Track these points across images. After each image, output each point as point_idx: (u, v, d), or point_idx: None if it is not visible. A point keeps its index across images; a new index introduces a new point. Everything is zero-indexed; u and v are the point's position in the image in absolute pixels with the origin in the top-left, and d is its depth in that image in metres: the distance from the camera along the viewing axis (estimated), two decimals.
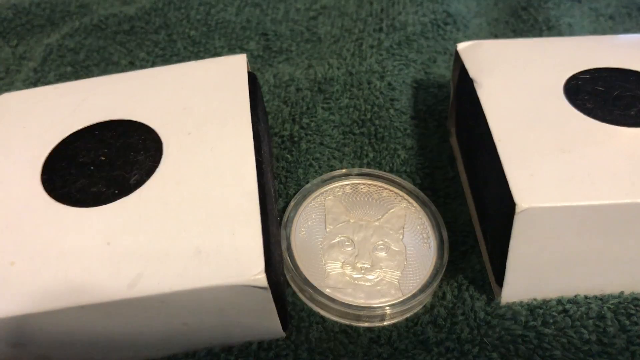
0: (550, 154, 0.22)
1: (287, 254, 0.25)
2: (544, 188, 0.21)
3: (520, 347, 0.22)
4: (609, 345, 0.22)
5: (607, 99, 0.24)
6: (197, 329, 0.21)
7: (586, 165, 0.21)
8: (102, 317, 0.20)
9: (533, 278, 0.23)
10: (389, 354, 0.23)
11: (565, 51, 0.27)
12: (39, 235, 0.21)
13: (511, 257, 0.22)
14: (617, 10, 0.38)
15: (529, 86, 0.25)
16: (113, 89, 0.26)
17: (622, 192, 0.20)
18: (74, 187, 0.22)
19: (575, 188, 0.21)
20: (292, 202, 0.27)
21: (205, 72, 0.26)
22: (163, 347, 0.22)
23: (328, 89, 0.32)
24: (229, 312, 0.20)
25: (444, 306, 0.24)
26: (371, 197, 0.27)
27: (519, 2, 0.38)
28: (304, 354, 0.23)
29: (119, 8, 0.39)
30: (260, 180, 0.22)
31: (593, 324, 0.23)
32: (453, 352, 0.22)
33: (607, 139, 0.22)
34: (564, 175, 0.21)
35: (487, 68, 0.26)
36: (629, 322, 0.22)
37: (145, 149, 0.23)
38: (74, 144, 0.24)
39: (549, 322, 0.23)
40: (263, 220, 0.20)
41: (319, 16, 0.38)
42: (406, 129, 0.30)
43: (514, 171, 0.21)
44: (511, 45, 0.28)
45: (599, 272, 0.23)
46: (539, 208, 0.20)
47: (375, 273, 0.24)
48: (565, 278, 0.23)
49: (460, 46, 0.28)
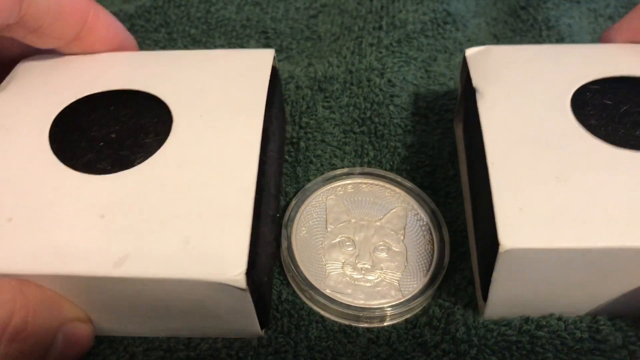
0: (544, 183, 0.21)
1: (287, 253, 0.25)
2: (532, 226, 0.20)
3: (514, 353, 0.22)
4: (602, 342, 0.22)
5: (614, 116, 0.23)
6: (178, 315, 0.22)
7: (581, 199, 0.20)
8: (86, 288, 0.20)
9: (517, 303, 0.22)
10: (388, 354, 0.23)
11: (578, 59, 0.25)
12: (39, 194, 0.21)
13: (494, 287, 0.21)
14: (616, 11, 0.38)
15: (535, 98, 0.24)
16: (138, 62, 0.27)
17: (615, 234, 0.19)
18: (79, 153, 0.23)
19: (566, 227, 0.20)
20: (293, 201, 0.27)
21: (230, 61, 0.26)
22: (143, 325, 0.23)
23: (328, 88, 0.32)
24: (208, 305, 0.21)
25: (440, 306, 0.24)
26: (373, 196, 0.27)
27: (518, 2, 0.39)
28: (303, 351, 0.23)
29: (119, 6, 0.39)
30: (260, 179, 0.22)
31: (586, 326, 0.23)
32: (449, 354, 0.22)
33: (608, 165, 0.21)
34: (555, 210, 0.20)
35: (493, 77, 0.25)
36: (624, 323, 0.23)
37: (155, 126, 0.24)
38: (85, 111, 0.24)
39: (543, 325, 0.23)
40: (254, 221, 0.21)
41: (319, 14, 0.38)
42: (407, 125, 0.30)
43: (503, 203, 0.20)
44: (521, 51, 0.26)
45: (587, 301, 0.22)
46: (524, 249, 0.19)
47: (376, 274, 0.25)
48: (551, 305, 0.23)
49: (469, 52, 0.26)
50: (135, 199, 0.21)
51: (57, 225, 0.20)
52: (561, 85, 0.24)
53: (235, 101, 0.24)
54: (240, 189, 0.21)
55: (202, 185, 0.21)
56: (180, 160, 0.22)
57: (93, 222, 0.20)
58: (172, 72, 0.26)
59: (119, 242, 0.20)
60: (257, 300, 0.21)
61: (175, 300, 0.21)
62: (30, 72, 0.26)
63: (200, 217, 0.20)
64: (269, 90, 0.25)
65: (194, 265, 0.19)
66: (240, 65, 0.26)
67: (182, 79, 0.25)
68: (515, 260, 0.20)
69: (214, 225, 0.20)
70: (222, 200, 0.21)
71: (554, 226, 0.20)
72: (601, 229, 0.19)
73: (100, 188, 0.21)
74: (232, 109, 0.24)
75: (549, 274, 0.21)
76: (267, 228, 0.23)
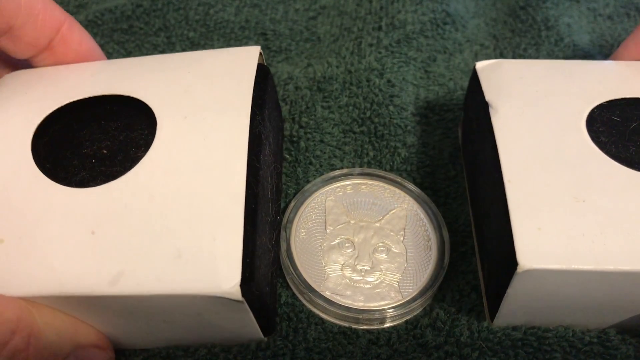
0: (562, 203, 0.20)
1: (286, 255, 0.25)
2: (550, 246, 0.19)
3: (520, 352, 0.22)
4: (613, 349, 0.22)
5: (623, 133, 0.23)
6: (178, 327, 0.22)
7: (600, 220, 0.20)
8: (82, 307, 0.20)
9: (527, 319, 0.22)
10: (388, 355, 0.23)
11: (591, 77, 0.25)
12: (28, 212, 0.21)
13: (505, 303, 0.21)
14: (616, 10, 0.38)
15: (550, 115, 0.23)
16: (118, 68, 0.26)
17: (634, 258, 0.19)
18: (61, 163, 0.22)
19: (585, 248, 0.19)
20: (292, 203, 0.27)
21: (214, 61, 0.25)
22: (144, 339, 0.23)
23: (327, 88, 0.32)
24: (208, 317, 0.21)
25: (444, 309, 0.24)
26: (372, 197, 0.27)
27: (517, 2, 0.38)
28: (301, 354, 0.23)
29: (113, 2, 0.39)
30: (254, 187, 0.21)
31: (596, 335, 0.23)
32: (452, 357, 0.22)
33: (625, 187, 0.21)
34: (574, 231, 0.20)
35: (505, 92, 0.24)
36: (632, 338, 0.22)
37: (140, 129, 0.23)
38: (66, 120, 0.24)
39: (551, 329, 0.23)
40: (248, 229, 0.20)
41: (318, 16, 0.38)
42: (407, 125, 0.30)
43: (520, 222, 0.20)
44: (534, 66, 0.26)
45: (597, 321, 0.22)
46: (542, 270, 0.19)
47: (375, 275, 0.24)
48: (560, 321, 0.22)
49: (479, 65, 0.26)
50: (124, 211, 0.20)
51: (49, 244, 0.20)
52: (576, 104, 0.23)
53: (220, 101, 0.23)
54: (230, 195, 0.21)
55: (191, 193, 0.21)
56: (167, 166, 0.21)
57: (84, 239, 0.20)
58: (155, 75, 0.25)
59: (111, 259, 0.19)
60: (259, 310, 0.21)
61: (176, 314, 0.20)
62: (7, 86, 0.25)
63: (191, 228, 0.20)
64: (258, 89, 0.24)
65: (188, 280, 0.19)
66: (224, 64, 0.25)
67: (165, 81, 0.24)
68: (531, 280, 0.20)
69: (205, 235, 0.20)
70: (211, 207, 0.20)
71: (572, 247, 0.19)
72: (622, 252, 0.19)
73: (88, 201, 0.21)
74: (217, 108, 0.23)
75: (563, 294, 0.20)
76: (265, 237, 0.22)
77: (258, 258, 0.20)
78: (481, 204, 0.25)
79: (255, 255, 0.20)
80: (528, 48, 0.36)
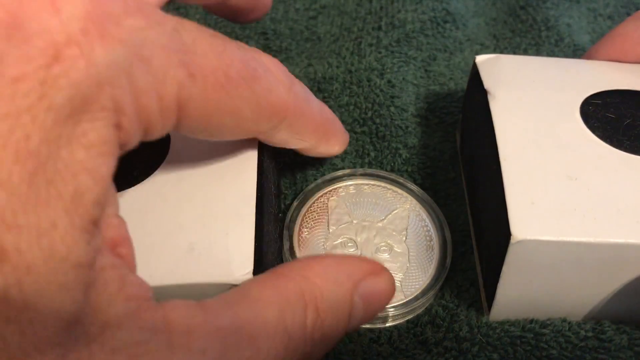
0: (556, 179, 0.21)
1: (289, 255, 0.25)
2: (543, 219, 0.20)
3: (518, 350, 0.22)
4: (607, 341, 0.22)
5: (618, 128, 0.23)
6: None
7: (592, 196, 0.21)
8: None
9: (523, 303, 0.23)
10: (389, 353, 0.23)
11: (587, 72, 0.26)
12: None
13: (502, 283, 0.21)
14: (616, 10, 0.38)
15: (545, 103, 0.24)
16: None
17: (625, 231, 0.20)
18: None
19: (577, 221, 0.20)
20: (294, 203, 0.27)
21: None
22: None
23: (327, 88, 0.32)
24: None
25: (443, 305, 0.24)
26: (375, 197, 0.27)
27: (517, 2, 0.39)
28: None
29: None
30: (260, 179, 0.22)
31: (591, 327, 0.23)
32: (452, 352, 0.23)
33: (619, 167, 0.22)
34: (566, 205, 0.20)
35: (504, 81, 0.25)
36: (628, 327, 0.23)
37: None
38: None
39: (548, 324, 0.23)
40: (258, 222, 0.21)
41: (319, 16, 0.38)
42: (407, 126, 0.30)
43: (515, 196, 0.21)
44: (531, 61, 0.27)
45: (592, 303, 0.23)
46: (535, 241, 0.20)
47: None
48: (557, 305, 0.23)
49: (479, 59, 0.26)
50: (138, 215, 0.21)
51: None
52: (571, 92, 0.25)
53: None
54: (242, 192, 0.21)
55: (204, 196, 0.22)
56: (181, 173, 0.22)
57: None
58: None
59: None
60: None
61: None
62: None
63: (204, 225, 0.21)
64: None
65: (201, 269, 0.20)
66: None
67: None
68: (525, 253, 0.20)
69: (218, 230, 0.21)
70: (224, 206, 0.21)
71: (565, 220, 0.20)
72: (612, 225, 0.20)
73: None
74: None
75: (557, 270, 0.21)
76: (271, 226, 0.23)
77: (265, 245, 0.21)
78: (479, 191, 0.25)
79: (262, 242, 0.21)
80: (528, 48, 0.36)
